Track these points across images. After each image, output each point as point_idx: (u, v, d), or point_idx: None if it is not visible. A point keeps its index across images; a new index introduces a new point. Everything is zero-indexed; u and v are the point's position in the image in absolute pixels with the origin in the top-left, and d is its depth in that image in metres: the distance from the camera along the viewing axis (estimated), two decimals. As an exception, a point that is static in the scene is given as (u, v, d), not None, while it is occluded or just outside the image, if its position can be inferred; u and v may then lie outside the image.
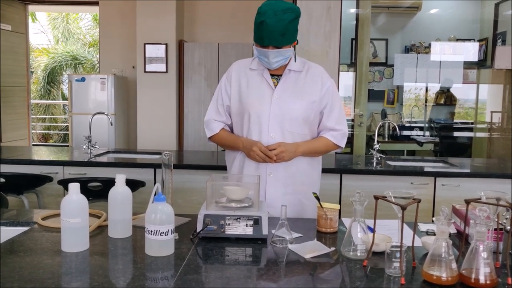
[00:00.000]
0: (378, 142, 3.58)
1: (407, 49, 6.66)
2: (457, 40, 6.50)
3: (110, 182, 1.91)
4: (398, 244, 1.27)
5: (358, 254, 1.42)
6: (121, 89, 6.17)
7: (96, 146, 3.78)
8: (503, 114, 5.66)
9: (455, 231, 1.71)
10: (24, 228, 1.68)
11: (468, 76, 6.54)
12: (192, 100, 5.88)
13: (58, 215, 1.52)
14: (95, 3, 6.62)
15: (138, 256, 1.41)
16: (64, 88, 11.62)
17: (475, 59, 6.39)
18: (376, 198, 1.36)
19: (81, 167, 3.34)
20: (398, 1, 6.70)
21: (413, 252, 1.38)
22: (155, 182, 3.21)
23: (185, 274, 1.27)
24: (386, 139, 6.38)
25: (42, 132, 11.11)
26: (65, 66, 11.46)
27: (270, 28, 1.85)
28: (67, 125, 9.94)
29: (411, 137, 6.44)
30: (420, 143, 6.18)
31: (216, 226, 1.55)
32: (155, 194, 1.43)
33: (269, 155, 1.92)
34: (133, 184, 2.89)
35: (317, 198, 1.75)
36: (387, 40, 6.72)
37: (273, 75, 2.04)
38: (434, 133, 6.60)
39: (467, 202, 1.38)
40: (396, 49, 6.71)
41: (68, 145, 8.17)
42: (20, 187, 3.13)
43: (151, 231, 1.39)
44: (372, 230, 1.39)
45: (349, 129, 5.06)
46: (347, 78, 5.96)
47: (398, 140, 6.29)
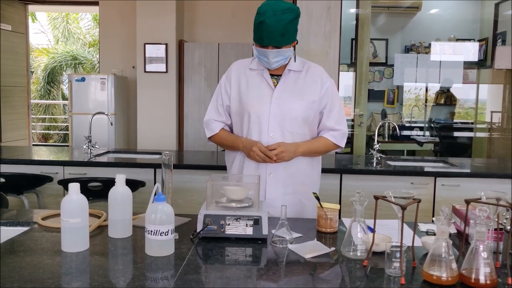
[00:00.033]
0: (378, 142, 3.58)
1: (407, 49, 6.66)
2: (457, 40, 6.50)
3: (110, 182, 1.91)
4: (398, 244, 1.27)
5: (358, 254, 1.42)
6: (121, 89, 6.18)
7: (96, 146, 3.78)
8: (503, 114, 5.66)
9: (455, 231, 1.71)
10: (24, 228, 1.68)
11: (468, 76, 6.54)
12: (192, 100, 5.88)
13: (58, 215, 1.52)
14: (95, 3, 6.62)
15: (138, 256, 1.41)
16: (64, 88, 11.62)
17: (475, 59, 6.39)
18: (376, 198, 1.36)
19: (81, 167, 3.34)
20: (398, 1, 6.70)
21: (413, 252, 1.38)
22: (155, 182, 3.21)
23: (185, 274, 1.27)
24: (386, 139, 6.38)
25: (42, 132, 11.11)
26: (65, 66, 11.46)
27: (270, 28, 1.85)
28: (67, 125, 9.94)
29: (411, 137, 6.44)
30: (420, 143, 6.18)
31: (216, 226, 1.55)
32: (155, 194, 1.43)
33: (269, 155, 1.92)
34: (133, 184, 2.89)
35: (317, 198, 1.75)
36: (387, 40, 6.72)
37: (272, 75, 2.04)
38: (434, 133, 6.60)
39: (467, 202, 1.38)
40: (396, 49, 6.72)
41: (68, 145, 8.17)
42: (20, 187, 3.13)
43: (151, 231, 1.39)
44: (372, 230, 1.39)
45: (349, 129, 5.06)
46: (347, 78, 5.97)
47: (398, 140, 6.29)
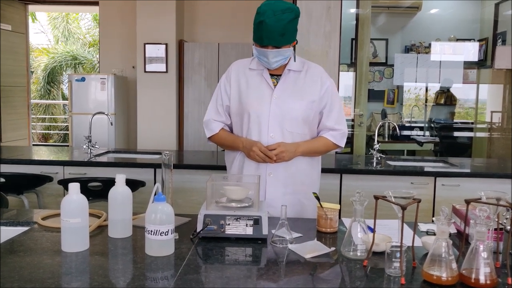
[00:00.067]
0: (378, 142, 3.58)
1: (407, 49, 6.66)
2: (457, 40, 6.50)
3: (110, 182, 1.91)
4: (398, 244, 1.27)
5: (358, 254, 1.42)
6: (121, 89, 6.18)
7: (96, 146, 3.78)
8: (503, 114, 5.66)
9: (455, 231, 1.71)
10: (24, 228, 1.68)
11: (468, 76, 6.54)
12: (192, 100, 5.88)
13: (58, 215, 1.52)
14: (95, 3, 6.62)
15: (138, 256, 1.41)
16: (64, 88, 11.62)
17: (475, 59, 6.39)
18: (376, 198, 1.36)
19: (81, 167, 3.34)
20: (398, 1, 6.70)
21: (413, 252, 1.38)
22: (155, 182, 3.21)
23: (185, 274, 1.27)
24: (386, 139, 6.38)
25: (42, 132, 11.11)
26: (65, 66, 11.46)
27: (269, 28, 1.85)
28: (67, 125, 9.94)
29: (411, 137, 6.44)
30: (420, 143, 6.18)
31: (216, 226, 1.55)
32: (155, 194, 1.43)
33: (269, 155, 1.92)
34: (133, 184, 2.89)
35: (317, 198, 1.75)
36: (387, 40, 6.72)
37: (272, 75, 2.04)
38: (434, 133, 6.60)
39: (467, 202, 1.38)
40: (396, 49, 6.71)
41: (68, 145, 8.17)
42: (20, 187, 3.14)
43: (151, 231, 1.39)
44: (372, 230, 1.39)
45: (349, 129, 5.06)
46: (347, 78, 5.96)
47: (398, 140, 6.29)
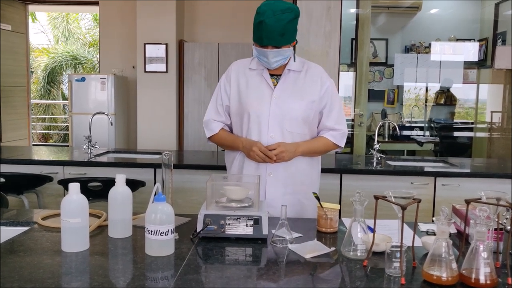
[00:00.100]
0: (378, 142, 3.58)
1: (407, 49, 6.66)
2: (457, 40, 6.50)
3: (110, 182, 1.91)
4: (398, 244, 1.27)
5: (358, 254, 1.42)
6: (121, 89, 6.18)
7: (96, 146, 3.78)
8: (503, 114, 5.66)
9: (455, 231, 1.71)
10: (24, 228, 1.68)
11: (468, 76, 6.54)
12: (192, 100, 5.88)
13: (58, 215, 1.52)
14: (95, 3, 6.62)
15: (138, 256, 1.41)
16: (64, 88, 11.62)
17: (475, 59, 6.39)
18: (376, 198, 1.36)
19: (81, 167, 3.34)
20: (398, 1, 6.70)
21: (413, 252, 1.38)
22: (155, 182, 3.21)
23: (185, 274, 1.27)
24: (386, 139, 6.38)
25: (42, 132, 11.11)
26: (65, 66, 11.46)
27: (269, 28, 1.85)
28: (67, 125, 9.95)
29: (411, 137, 6.44)
30: (420, 143, 6.18)
31: (216, 226, 1.55)
32: (155, 194, 1.43)
33: (269, 155, 1.92)
34: (133, 184, 2.89)
35: (317, 198, 1.75)
36: (387, 40, 6.72)
37: (272, 75, 2.04)
38: (434, 133, 6.60)
39: (467, 202, 1.38)
40: (396, 49, 6.71)
41: (68, 145, 8.17)
42: (20, 187, 3.14)
43: (151, 231, 1.39)
44: (372, 230, 1.39)
45: (349, 129, 5.07)
46: (347, 78, 5.96)
47: (398, 140, 6.29)
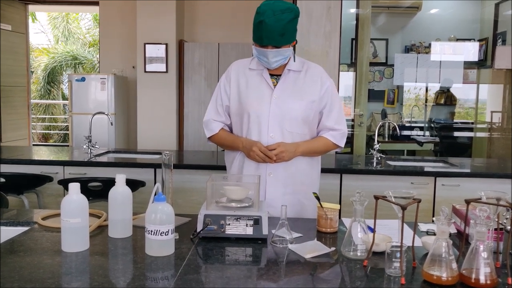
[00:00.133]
0: (378, 142, 3.58)
1: (407, 49, 6.66)
2: (457, 40, 6.50)
3: (110, 182, 1.91)
4: (398, 244, 1.27)
5: (358, 254, 1.42)
6: (121, 89, 6.18)
7: (96, 146, 3.78)
8: (503, 114, 5.66)
9: (455, 231, 1.71)
10: (24, 228, 1.68)
11: (468, 76, 6.53)
12: (192, 100, 5.88)
13: (58, 215, 1.52)
14: (95, 3, 6.62)
15: (138, 256, 1.41)
16: (64, 88, 11.62)
17: (475, 59, 6.39)
18: (376, 198, 1.36)
19: (81, 167, 3.34)
20: (398, 1, 6.70)
21: (413, 252, 1.38)
22: (155, 182, 3.21)
23: (185, 274, 1.27)
24: (386, 139, 6.38)
25: (42, 132, 11.12)
26: (65, 66, 11.46)
27: (269, 28, 1.85)
28: (67, 125, 9.95)
29: (411, 137, 6.44)
30: (420, 143, 6.18)
31: (216, 226, 1.55)
32: (155, 194, 1.43)
33: (269, 155, 1.92)
34: (133, 184, 2.89)
35: (317, 198, 1.75)
36: (387, 40, 6.72)
37: (272, 75, 2.04)
38: (434, 133, 6.60)
39: (467, 202, 1.38)
40: (396, 49, 6.71)
41: (68, 145, 8.17)
42: (20, 187, 3.14)
43: (151, 231, 1.39)
44: (372, 230, 1.39)
45: (349, 129, 5.07)
46: (347, 78, 5.96)
47: (398, 140, 6.29)
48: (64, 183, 3.01)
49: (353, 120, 5.23)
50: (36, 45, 12.17)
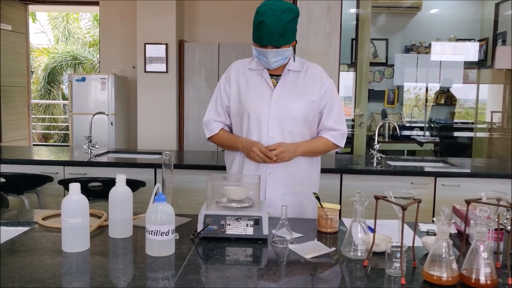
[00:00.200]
0: (378, 142, 3.58)
1: (407, 49, 6.66)
2: (457, 40, 6.50)
3: (111, 182, 1.91)
4: (399, 244, 1.27)
5: (359, 254, 1.42)
6: (121, 89, 6.18)
7: (96, 146, 3.78)
8: (503, 114, 5.66)
9: (456, 231, 1.71)
10: (25, 228, 1.68)
11: (468, 76, 6.53)
12: (192, 100, 5.88)
13: (59, 215, 1.52)
14: (95, 3, 6.62)
15: (138, 256, 1.41)
16: (64, 88, 11.63)
17: (475, 59, 6.39)
18: (377, 198, 1.36)
19: (82, 167, 3.34)
20: (398, 1, 6.70)
21: (413, 252, 1.38)
22: (155, 182, 3.21)
23: (185, 274, 1.27)
24: (387, 139, 6.38)
25: (42, 132, 11.12)
26: (65, 66, 11.47)
27: (269, 28, 1.85)
28: (67, 125, 9.95)
29: (411, 137, 6.44)
30: (420, 143, 6.18)
31: (216, 226, 1.55)
32: (155, 194, 1.43)
33: (269, 156, 1.92)
34: (133, 184, 2.89)
35: (318, 198, 1.75)
36: (387, 40, 6.72)
37: (272, 75, 2.04)
38: (434, 133, 6.60)
39: (468, 202, 1.38)
40: (396, 49, 6.71)
41: (68, 145, 8.17)
42: (21, 187, 3.14)
43: (152, 231, 1.39)
44: (373, 230, 1.40)
45: (349, 129, 5.07)
46: (347, 78, 5.96)
47: (399, 140, 6.29)
48: (65, 183, 3.01)
49: (353, 120, 5.23)
50: (36, 45, 12.17)
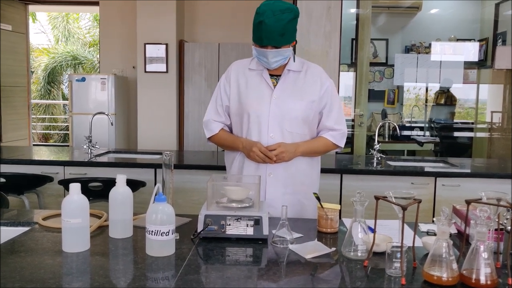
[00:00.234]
0: (378, 142, 3.58)
1: (408, 49, 6.66)
2: (457, 40, 6.50)
3: (111, 182, 1.91)
4: (399, 245, 1.27)
5: (359, 254, 1.42)
6: (121, 89, 6.18)
7: (96, 146, 3.79)
8: (503, 114, 5.66)
9: (456, 232, 1.71)
10: (25, 228, 1.68)
11: (468, 76, 6.53)
12: (192, 100, 5.88)
13: (59, 215, 1.52)
14: (95, 3, 6.62)
15: (139, 256, 1.41)
16: (64, 88, 11.63)
17: (476, 59, 6.39)
18: (377, 198, 1.36)
19: (82, 167, 3.34)
20: (398, 1, 6.70)
21: (413, 252, 1.38)
22: (155, 182, 3.21)
23: (185, 274, 1.28)
24: (387, 139, 6.38)
25: (42, 132, 11.12)
26: (65, 66, 11.47)
27: (269, 28, 1.85)
28: (67, 125, 9.95)
29: (412, 137, 6.44)
30: (421, 143, 6.18)
31: (216, 226, 1.55)
32: (156, 194, 1.43)
33: (269, 156, 1.92)
34: (133, 184, 2.89)
35: (318, 198, 1.75)
36: (387, 40, 6.72)
37: (272, 75, 2.04)
38: (434, 133, 6.60)
39: (468, 202, 1.38)
40: (397, 49, 6.71)
41: (68, 145, 8.17)
42: (21, 187, 3.14)
43: (152, 231, 1.39)
44: (373, 231, 1.40)
45: (349, 129, 5.07)
46: (347, 78, 5.96)
47: (399, 140, 6.29)
48: (65, 183, 3.01)
49: (353, 120, 5.23)
50: (36, 45, 12.17)
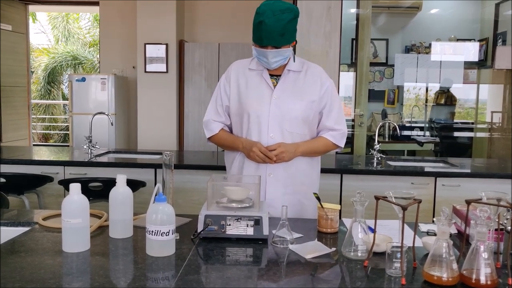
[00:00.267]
0: (378, 142, 3.58)
1: (408, 49, 6.66)
2: (458, 40, 6.50)
3: (111, 182, 1.91)
4: (399, 245, 1.27)
5: (359, 254, 1.42)
6: (121, 89, 6.18)
7: (96, 146, 3.79)
8: (503, 114, 5.66)
9: (456, 232, 1.71)
10: (25, 228, 1.68)
11: (468, 76, 6.53)
12: (192, 100, 5.88)
13: (59, 215, 1.52)
14: (96, 3, 6.62)
15: (139, 257, 1.41)
16: (64, 88, 11.63)
17: (476, 59, 6.39)
18: (377, 198, 1.36)
19: (82, 167, 3.34)
20: (398, 1, 6.70)
21: (413, 252, 1.38)
22: (155, 182, 3.21)
23: (186, 275, 1.28)
24: (387, 139, 6.38)
25: (42, 132, 11.12)
26: (65, 66, 11.47)
27: (269, 28, 1.85)
28: (67, 125, 9.95)
29: (412, 137, 6.44)
30: (421, 143, 6.18)
31: (217, 227, 1.55)
32: (156, 195, 1.43)
33: (269, 156, 1.92)
34: (133, 184, 2.89)
35: (318, 198, 1.75)
36: (387, 40, 6.72)
37: (272, 75, 2.04)
38: (434, 133, 6.60)
39: (468, 202, 1.38)
40: (397, 49, 6.71)
41: (68, 145, 8.17)
42: (21, 187, 3.14)
43: (152, 231, 1.39)
44: (373, 231, 1.40)
45: (350, 129, 5.07)
46: (347, 78, 5.96)
47: (399, 140, 6.29)
48: (65, 183, 3.01)
49: (353, 120, 5.23)
50: (36, 45, 12.17)
